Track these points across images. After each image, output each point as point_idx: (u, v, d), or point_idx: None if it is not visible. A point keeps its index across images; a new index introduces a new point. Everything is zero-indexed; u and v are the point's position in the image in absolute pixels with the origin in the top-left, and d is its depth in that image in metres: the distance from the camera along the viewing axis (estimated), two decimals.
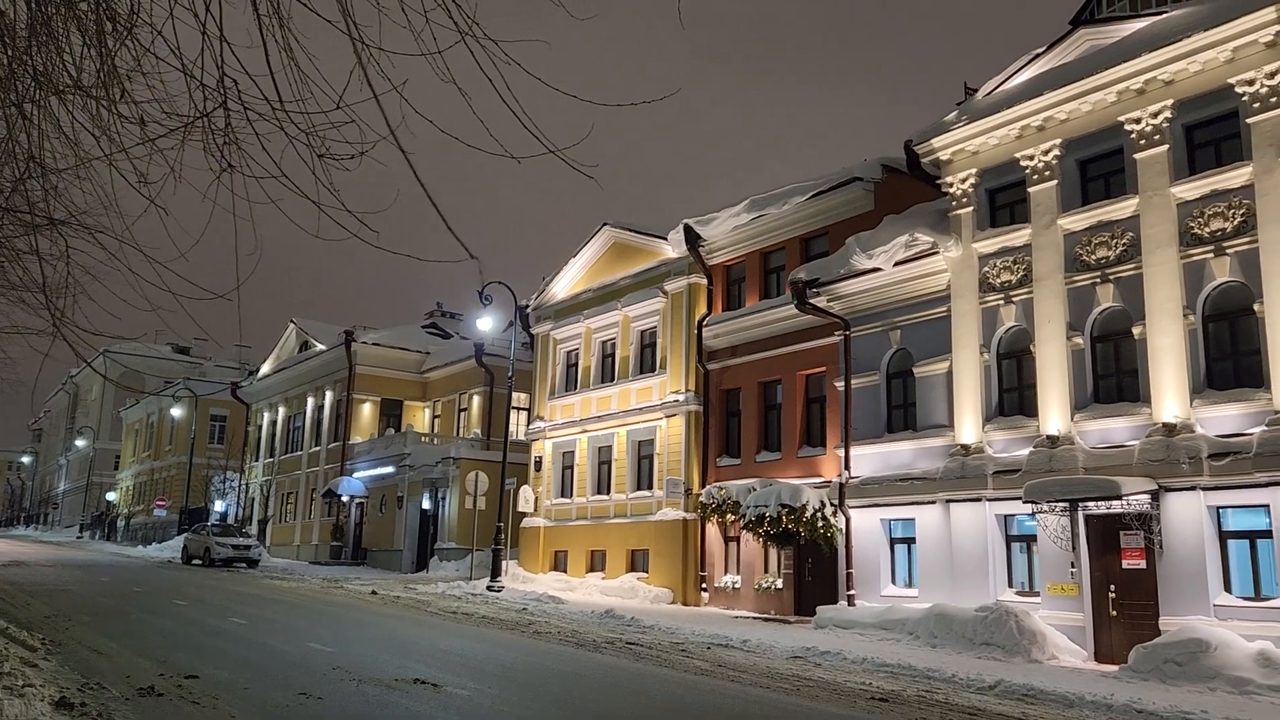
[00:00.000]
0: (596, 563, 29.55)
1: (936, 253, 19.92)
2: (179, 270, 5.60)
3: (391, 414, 45.66)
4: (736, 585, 24.73)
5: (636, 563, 27.95)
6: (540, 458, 32.77)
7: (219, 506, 56.09)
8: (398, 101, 4.57)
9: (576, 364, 32.46)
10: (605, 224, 31.46)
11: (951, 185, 20.10)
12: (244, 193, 4.99)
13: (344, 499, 41.94)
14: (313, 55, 4.63)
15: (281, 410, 51.77)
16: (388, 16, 4.40)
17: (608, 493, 29.74)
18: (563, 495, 31.80)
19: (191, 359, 75.77)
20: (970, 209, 19.73)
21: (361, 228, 4.82)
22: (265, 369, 53.84)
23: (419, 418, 45.48)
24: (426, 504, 38.03)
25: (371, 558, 40.35)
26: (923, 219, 20.84)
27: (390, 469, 39.78)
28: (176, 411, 61.10)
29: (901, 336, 21.01)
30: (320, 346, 47.10)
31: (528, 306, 34.18)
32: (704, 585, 25.65)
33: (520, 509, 30.84)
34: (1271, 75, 15.39)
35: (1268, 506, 14.58)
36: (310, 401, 48.18)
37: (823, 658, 14.97)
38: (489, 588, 26.30)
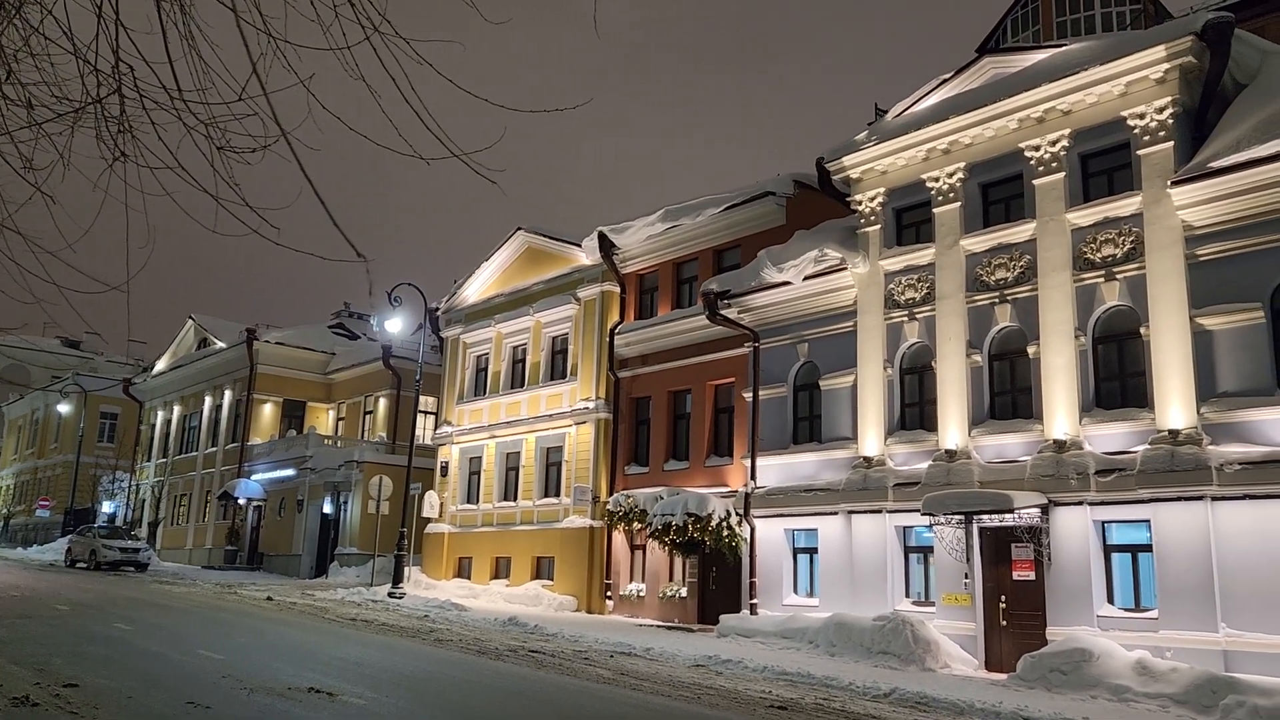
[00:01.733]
0: (501, 570, 29.29)
1: (845, 269, 20.35)
2: (66, 261, 5.34)
3: (294, 415, 44.54)
4: (641, 593, 24.77)
5: (542, 570, 27.78)
6: (447, 463, 32.34)
7: (107, 508, 53.78)
8: (304, 96, 4.46)
9: (486, 369, 32.17)
10: (519, 229, 31.30)
11: (861, 203, 20.57)
12: (138, 183, 4.79)
13: (241, 502, 40.72)
14: (215, 45, 4.48)
15: (177, 409, 50.02)
16: (295, 9, 4.29)
17: (515, 499, 29.51)
18: (469, 501, 31.43)
19: (82, 354, 72.39)
20: (878, 227, 20.21)
21: (262, 224, 4.68)
22: (161, 366, 51.96)
23: (322, 420, 44.46)
24: (328, 508, 37.16)
25: (268, 563, 39.24)
26: (832, 235, 21.27)
27: (291, 472, 38.77)
28: (64, 408, 58.42)
29: (809, 349, 21.38)
30: (220, 344, 45.71)
31: (438, 309, 33.76)
32: (609, 593, 25.64)
33: (425, 514, 30.37)
34: (1161, 110, 16.16)
35: (1148, 522, 15.25)
36: (208, 400, 46.66)
37: (724, 666, 15.09)
38: (390, 594, 25.80)
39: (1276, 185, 14.47)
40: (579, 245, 28.51)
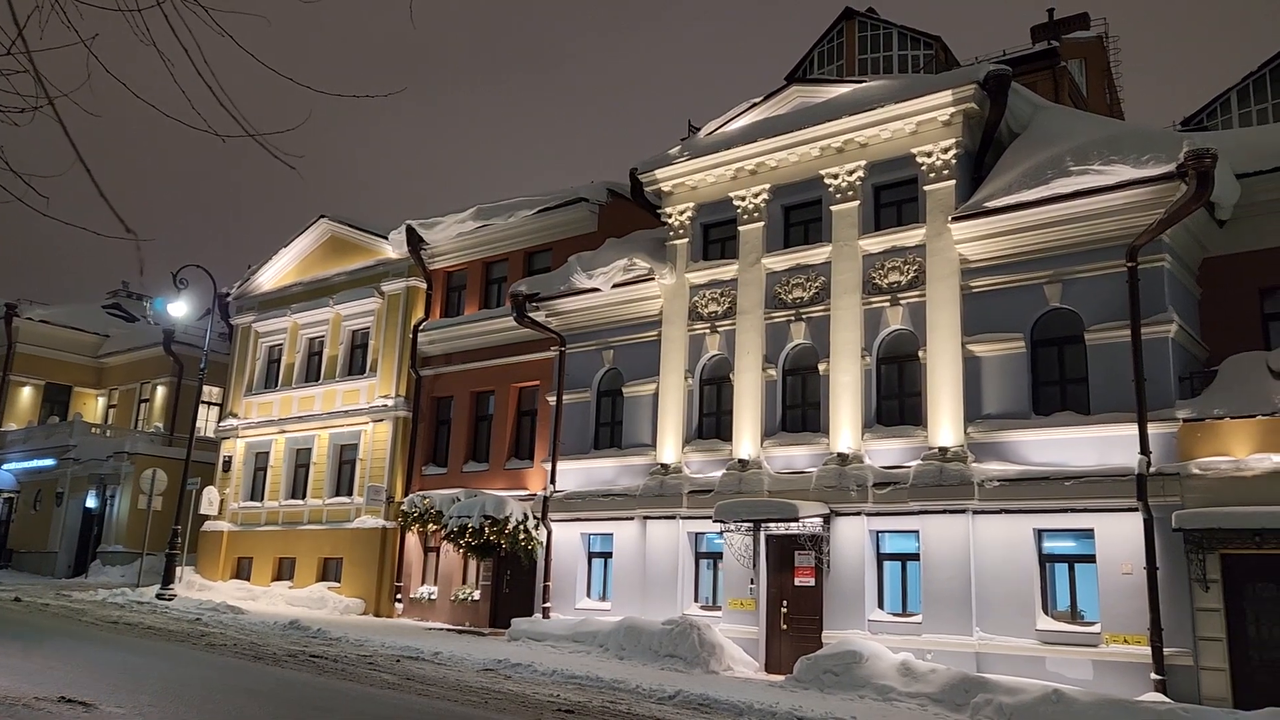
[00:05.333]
0: (285, 571, 27.98)
1: (652, 279, 20.75)
2: None
3: (57, 400, 40.89)
4: (433, 596, 24.30)
5: (329, 571, 26.76)
6: (230, 457, 30.61)
7: None
8: (85, 56, 4.10)
9: (279, 360, 30.70)
10: (322, 216, 30.12)
11: (671, 216, 21.05)
12: None
13: None
14: None
15: None
16: None
17: (303, 498, 28.30)
18: (252, 499, 29.87)
19: None
20: (686, 240, 20.75)
21: (28, 191, 4.27)
22: None
23: (91, 406, 41.06)
24: (91, 502, 34.36)
25: (18, 560, 35.83)
26: (642, 245, 21.65)
27: (50, 462, 35.57)
28: None
29: (614, 356, 21.65)
30: None
31: (229, 294, 31.95)
32: (399, 596, 25.00)
33: (203, 511, 28.62)
34: (945, 150, 17.43)
35: (917, 532, 16.37)
36: None
37: (514, 670, 15.02)
38: (159, 596, 24.15)
39: (1038, 228, 15.91)
40: (385, 238, 27.72)
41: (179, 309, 28.05)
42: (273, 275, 31.35)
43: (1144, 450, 14.30)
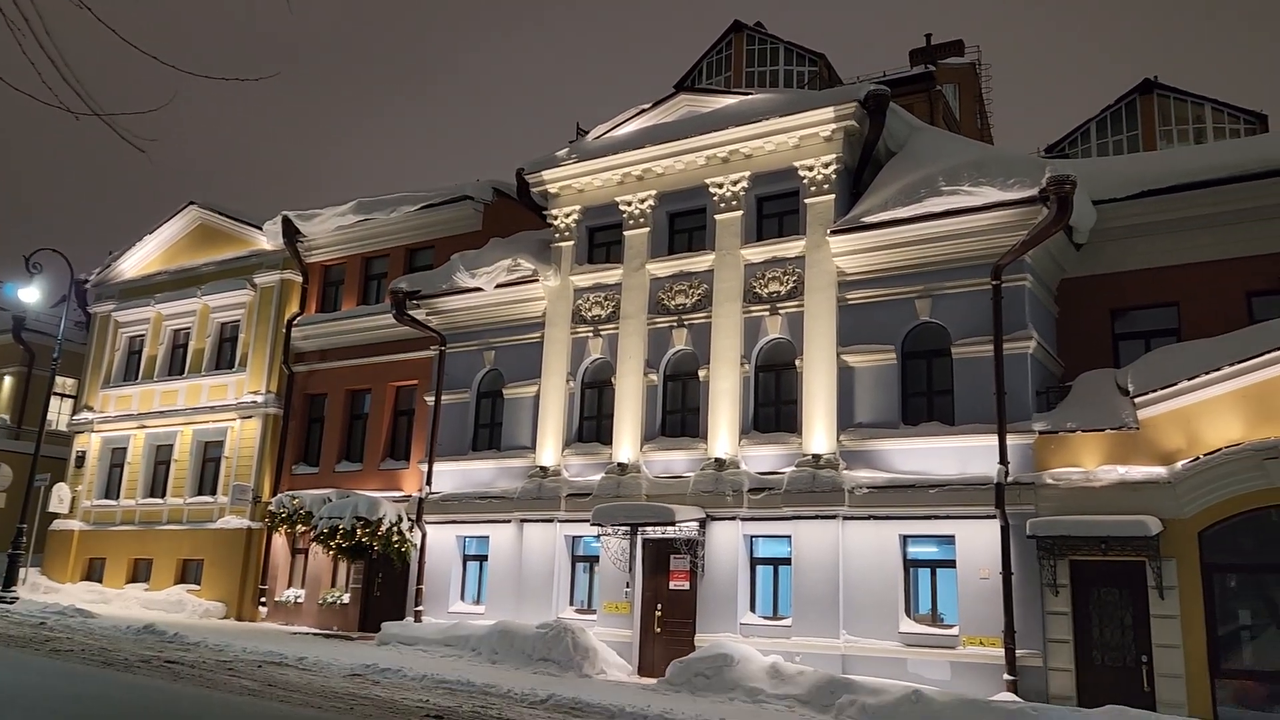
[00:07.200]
0: (140, 573, 26.67)
1: (536, 280, 20.63)
2: None
3: None
4: (300, 600, 23.54)
5: (189, 574, 25.63)
6: (84, 452, 29.01)
7: None
8: None
9: (141, 351, 29.28)
10: (191, 203, 28.87)
11: (557, 218, 20.98)
12: None
13: None
14: None
15: None
16: None
17: (163, 496, 27.04)
18: (108, 496, 28.37)
19: None
20: (571, 243, 20.71)
21: None
22: None
23: None
24: None
25: None
26: (527, 246, 21.50)
27: None
28: None
29: (495, 357, 21.42)
30: None
31: (87, 281, 30.28)
32: (263, 599, 24.13)
33: (52, 509, 26.99)
34: (826, 165, 17.90)
35: (790, 537, 16.72)
36: None
37: (382, 675, 14.67)
38: None
39: (911, 244, 16.48)
40: (259, 228, 26.76)
41: (31, 295, 26.34)
42: (136, 263, 29.88)
43: (1003, 460, 14.96)
